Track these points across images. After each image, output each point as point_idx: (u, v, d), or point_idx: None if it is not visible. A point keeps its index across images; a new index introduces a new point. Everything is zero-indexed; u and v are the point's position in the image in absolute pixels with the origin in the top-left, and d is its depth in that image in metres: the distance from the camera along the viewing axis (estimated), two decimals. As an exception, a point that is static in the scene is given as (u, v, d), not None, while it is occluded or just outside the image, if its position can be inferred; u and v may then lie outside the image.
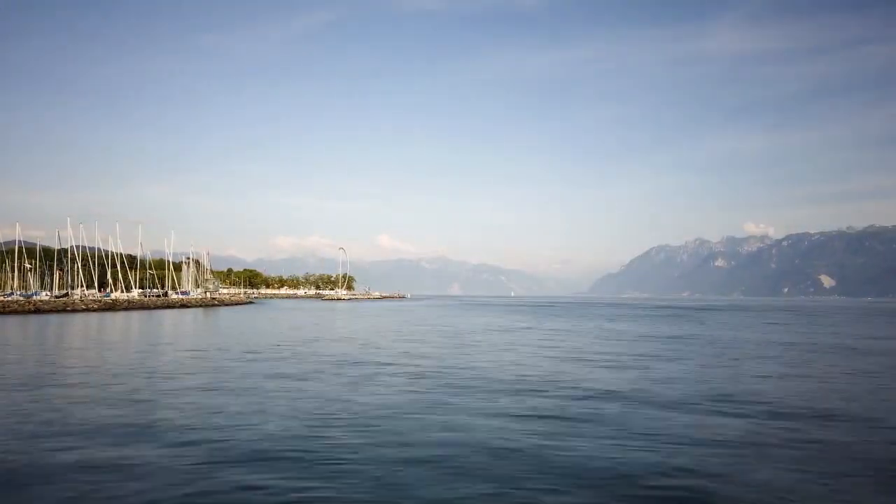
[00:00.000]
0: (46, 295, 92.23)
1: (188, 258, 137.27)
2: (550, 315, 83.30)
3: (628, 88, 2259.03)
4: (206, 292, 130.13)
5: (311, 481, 9.19)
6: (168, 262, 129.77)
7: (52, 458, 10.23)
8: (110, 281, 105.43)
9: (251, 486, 8.93)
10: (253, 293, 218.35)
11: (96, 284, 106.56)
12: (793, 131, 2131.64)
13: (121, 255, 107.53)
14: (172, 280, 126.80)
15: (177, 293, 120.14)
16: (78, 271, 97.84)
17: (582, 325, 59.10)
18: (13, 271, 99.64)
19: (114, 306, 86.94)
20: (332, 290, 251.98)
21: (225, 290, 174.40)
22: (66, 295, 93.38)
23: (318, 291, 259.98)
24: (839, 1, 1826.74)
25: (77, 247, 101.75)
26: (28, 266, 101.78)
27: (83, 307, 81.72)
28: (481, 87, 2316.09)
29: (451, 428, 12.70)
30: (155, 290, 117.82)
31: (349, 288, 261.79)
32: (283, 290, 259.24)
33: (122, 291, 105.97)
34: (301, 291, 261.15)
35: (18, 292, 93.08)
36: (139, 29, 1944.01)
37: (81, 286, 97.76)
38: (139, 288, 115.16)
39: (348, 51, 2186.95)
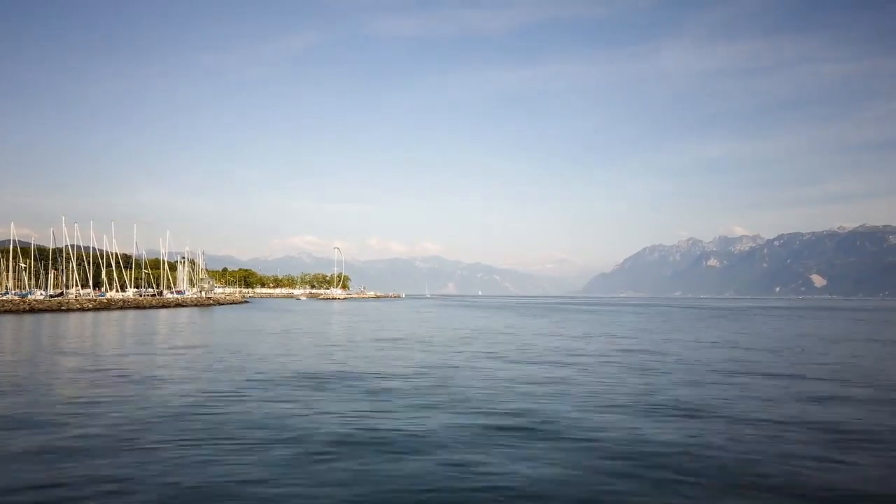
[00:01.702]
0: (41, 294, 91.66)
1: (183, 258, 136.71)
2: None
3: (603, 99, 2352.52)
4: (201, 292, 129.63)
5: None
6: (163, 261, 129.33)
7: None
8: (105, 280, 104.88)
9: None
10: (248, 293, 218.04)
11: (91, 284, 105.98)
12: (780, 136, 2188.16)
13: (116, 254, 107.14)
14: (167, 279, 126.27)
15: (172, 293, 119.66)
16: (73, 271, 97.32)
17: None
18: (8, 271, 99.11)
19: (109, 305, 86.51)
20: (328, 289, 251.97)
21: (220, 290, 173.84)
22: (61, 294, 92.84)
23: (312, 291, 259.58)
24: (777, 26, 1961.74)
25: (72, 246, 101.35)
26: (23, 265, 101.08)
27: (78, 306, 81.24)
28: (466, 96, 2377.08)
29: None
30: (150, 290, 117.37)
31: (344, 287, 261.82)
32: (279, 290, 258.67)
33: (118, 291, 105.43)
34: (297, 291, 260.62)
35: (13, 291, 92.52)
36: (137, 40, 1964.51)
37: (76, 285, 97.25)
38: (134, 287, 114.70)
39: (336, 66, 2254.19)
